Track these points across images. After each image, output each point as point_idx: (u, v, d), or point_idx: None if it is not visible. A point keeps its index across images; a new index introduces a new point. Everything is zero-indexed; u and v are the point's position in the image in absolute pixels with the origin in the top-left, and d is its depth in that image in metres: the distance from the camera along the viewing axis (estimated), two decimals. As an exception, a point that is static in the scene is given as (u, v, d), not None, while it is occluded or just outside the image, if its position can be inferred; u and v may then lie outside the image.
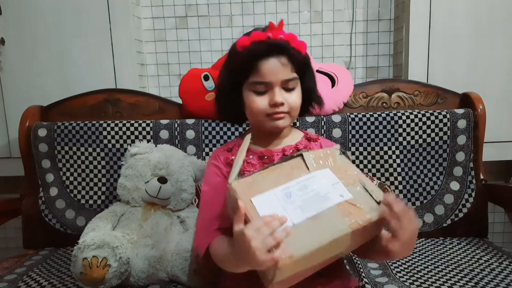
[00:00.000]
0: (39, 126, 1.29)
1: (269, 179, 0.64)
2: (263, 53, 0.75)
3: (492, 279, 0.95)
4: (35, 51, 1.43)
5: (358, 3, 1.57)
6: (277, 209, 0.60)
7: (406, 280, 0.96)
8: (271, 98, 0.77)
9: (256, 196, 0.62)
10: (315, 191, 0.63)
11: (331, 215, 0.61)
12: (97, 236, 0.94)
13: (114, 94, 1.34)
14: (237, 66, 0.79)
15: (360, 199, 0.65)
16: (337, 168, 0.68)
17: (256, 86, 0.77)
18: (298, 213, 0.61)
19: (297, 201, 0.62)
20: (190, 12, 1.60)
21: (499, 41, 1.37)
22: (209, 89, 1.27)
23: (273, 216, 0.58)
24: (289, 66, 0.77)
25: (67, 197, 1.28)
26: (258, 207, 0.60)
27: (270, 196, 0.62)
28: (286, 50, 0.76)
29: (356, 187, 0.67)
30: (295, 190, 0.63)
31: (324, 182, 0.65)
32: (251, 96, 0.78)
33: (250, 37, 0.76)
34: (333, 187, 0.65)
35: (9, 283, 1.02)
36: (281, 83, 0.77)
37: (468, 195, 1.23)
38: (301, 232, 0.59)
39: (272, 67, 0.76)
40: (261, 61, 0.76)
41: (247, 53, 0.76)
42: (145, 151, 1.12)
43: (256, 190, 0.62)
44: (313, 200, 0.62)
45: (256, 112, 0.79)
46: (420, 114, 1.24)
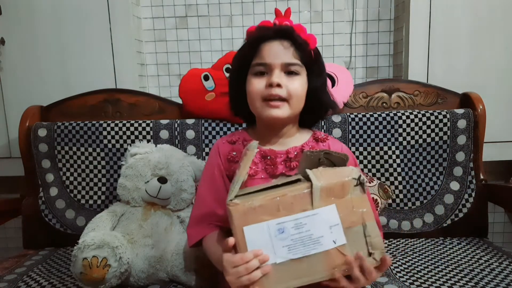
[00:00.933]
0: (39, 126, 1.29)
1: (267, 208, 0.61)
2: (267, 36, 0.76)
3: (492, 279, 0.95)
4: (35, 51, 1.43)
5: (358, 3, 1.57)
6: (266, 243, 0.60)
7: (406, 280, 0.96)
8: (269, 79, 0.75)
9: (249, 225, 0.61)
10: (309, 232, 0.61)
11: (315, 262, 0.61)
12: (97, 236, 0.94)
13: (114, 94, 1.34)
14: (243, 53, 0.80)
15: (353, 245, 0.62)
16: (344, 203, 0.63)
17: (257, 68, 0.77)
18: (284, 252, 0.60)
19: (288, 239, 0.61)
20: (190, 12, 1.60)
21: (499, 41, 1.37)
22: (209, 89, 1.27)
23: (256, 254, 0.59)
24: (292, 50, 0.76)
25: (67, 197, 1.28)
26: (248, 238, 0.60)
27: (263, 228, 0.61)
28: (290, 35, 0.76)
29: (356, 229, 0.63)
30: (289, 227, 0.61)
31: (323, 223, 0.62)
32: (251, 79, 0.78)
33: (257, 25, 0.79)
34: (330, 230, 0.61)
35: (9, 283, 1.02)
36: (281, 67, 0.76)
37: (468, 195, 1.23)
38: (280, 272, 0.60)
39: (274, 49, 0.76)
40: (263, 44, 0.76)
41: (252, 38, 0.78)
42: (145, 151, 1.12)
43: (251, 218, 0.61)
44: (303, 242, 0.61)
45: (253, 94, 0.77)
46: (420, 114, 1.24)
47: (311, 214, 0.61)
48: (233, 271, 0.60)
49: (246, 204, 0.61)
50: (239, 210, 0.61)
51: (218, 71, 1.27)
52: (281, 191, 0.63)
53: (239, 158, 0.82)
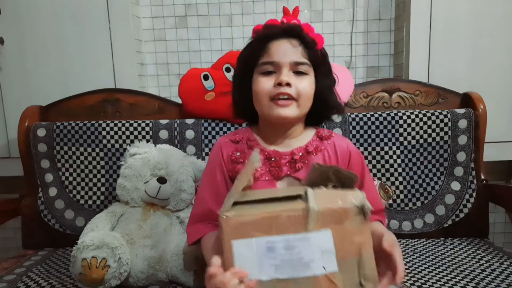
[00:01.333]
0: (38, 126, 1.28)
1: (259, 225, 0.60)
2: (274, 35, 0.75)
3: (493, 279, 0.95)
4: (34, 51, 1.42)
5: (358, 2, 1.56)
6: (253, 260, 0.59)
7: (407, 280, 0.96)
8: (277, 77, 0.74)
9: (238, 240, 0.59)
10: (300, 255, 0.59)
11: (301, 285, 0.59)
12: (96, 236, 0.94)
13: (114, 94, 1.34)
14: (249, 51, 0.78)
15: (345, 275, 0.60)
16: (342, 230, 0.60)
17: (264, 66, 0.75)
18: (271, 271, 0.59)
19: (277, 259, 0.59)
20: (190, 12, 1.60)
21: (500, 40, 1.36)
22: (209, 89, 1.26)
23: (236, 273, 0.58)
24: (300, 49, 0.75)
25: (66, 197, 1.28)
26: (235, 252, 0.59)
27: (252, 244, 0.59)
28: (298, 33, 0.75)
29: (350, 259, 0.60)
30: (280, 247, 0.59)
31: (316, 247, 0.59)
32: (258, 78, 0.76)
33: (265, 23, 0.78)
34: (321, 256, 0.59)
35: (8, 283, 1.02)
36: (290, 66, 0.74)
37: (469, 195, 1.22)
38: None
39: (282, 47, 0.74)
40: (271, 42, 0.75)
41: (259, 36, 0.77)
42: (144, 151, 1.12)
43: (241, 233, 0.59)
44: (292, 264, 0.59)
45: (260, 93, 0.75)
46: (421, 114, 1.24)
47: (304, 237, 0.59)
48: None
49: (238, 219, 0.59)
50: (230, 224, 0.59)
51: (218, 71, 1.27)
52: (277, 208, 0.60)
53: (244, 158, 0.81)
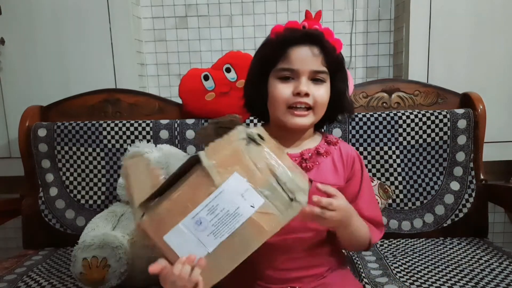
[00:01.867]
0: (39, 126, 1.29)
1: (176, 210, 0.60)
2: (295, 40, 0.74)
3: (492, 279, 0.95)
4: (35, 51, 1.43)
5: (358, 3, 1.57)
6: (192, 241, 0.60)
7: (406, 280, 0.96)
8: (296, 86, 0.73)
9: (167, 233, 0.60)
10: (224, 210, 0.60)
11: (244, 233, 0.60)
12: (97, 236, 0.94)
13: (114, 94, 1.34)
14: (267, 53, 0.77)
15: (273, 199, 0.61)
16: (245, 165, 0.60)
17: (283, 73, 0.74)
18: (211, 239, 0.60)
19: (209, 226, 0.60)
20: (190, 12, 1.60)
21: (500, 40, 1.36)
22: (209, 89, 1.26)
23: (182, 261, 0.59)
24: (321, 58, 0.74)
25: (67, 197, 1.28)
26: (172, 245, 0.60)
27: (180, 229, 0.60)
28: (320, 41, 0.74)
29: (269, 184, 0.61)
30: (204, 215, 0.60)
31: (233, 194, 0.60)
32: (276, 83, 0.75)
33: (285, 25, 0.76)
34: (243, 198, 0.60)
35: (9, 283, 1.02)
36: (309, 74, 0.74)
37: (468, 195, 1.23)
38: (217, 259, 0.60)
39: (303, 55, 0.73)
40: (292, 48, 0.74)
41: (279, 39, 0.75)
42: (144, 151, 1.12)
43: (166, 225, 0.60)
44: (223, 222, 0.60)
45: (278, 100, 0.75)
46: (420, 114, 1.24)
47: (218, 193, 0.60)
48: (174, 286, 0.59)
49: (154, 216, 0.60)
50: (150, 225, 0.60)
51: (218, 71, 1.27)
52: (181, 185, 0.61)
53: None
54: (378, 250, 1.17)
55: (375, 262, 1.09)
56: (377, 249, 1.18)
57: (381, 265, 1.06)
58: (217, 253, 0.60)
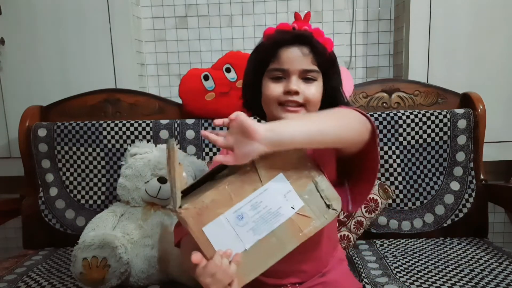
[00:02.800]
0: (39, 126, 1.29)
1: (220, 201, 0.61)
2: (285, 41, 0.76)
3: (492, 279, 0.95)
4: (35, 51, 1.43)
5: (358, 3, 1.57)
6: (230, 235, 0.60)
7: (406, 280, 0.96)
8: (286, 85, 0.76)
9: (207, 225, 0.60)
10: (267, 208, 0.62)
11: (281, 234, 0.62)
12: (97, 236, 0.94)
13: (114, 94, 1.34)
14: (260, 55, 0.80)
15: (311, 204, 0.64)
16: (290, 168, 0.65)
17: (274, 73, 0.77)
18: (250, 236, 0.61)
19: (249, 222, 0.61)
20: (190, 12, 1.60)
21: (500, 40, 1.36)
22: (209, 89, 1.27)
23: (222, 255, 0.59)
24: (310, 57, 0.76)
25: (67, 197, 1.28)
26: (211, 238, 0.60)
27: (221, 222, 0.60)
28: (309, 41, 0.76)
29: (308, 187, 0.65)
30: (247, 211, 0.61)
31: (277, 193, 0.63)
32: (268, 83, 0.78)
33: (276, 27, 0.79)
34: (285, 199, 0.63)
35: (9, 283, 1.02)
36: (299, 73, 0.76)
37: (468, 195, 1.23)
38: (253, 256, 0.61)
39: (293, 55, 0.76)
40: (282, 49, 0.76)
41: (270, 41, 0.78)
42: (145, 151, 1.12)
43: (207, 217, 0.60)
44: (265, 219, 0.61)
45: (269, 98, 0.78)
46: (420, 114, 1.24)
47: (263, 190, 0.62)
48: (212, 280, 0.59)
49: (198, 205, 0.60)
50: (192, 214, 0.60)
51: (218, 71, 1.27)
52: (227, 178, 0.62)
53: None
54: (378, 250, 1.17)
55: (375, 262, 1.09)
56: (377, 249, 1.18)
57: (381, 265, 1.06)
58: (254, 251, 0.61)
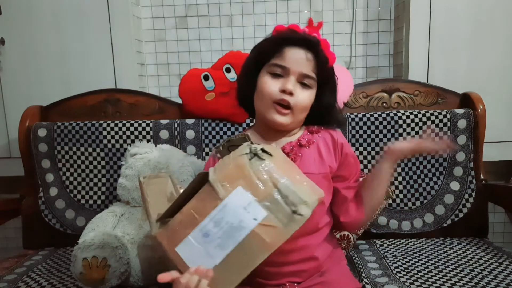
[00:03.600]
0: (39, 126, 1.29)
1: (186, 222, 0.63)
2: (293, 40, 0.77)
3: (492, 279, 0.95)
4: (35, 51, 1.43)
5: (358, 3, 1.57)
6: (200, 252, 0.62)
7: (406, 280, 0.96)
8: (284, 84, 0.77)
9: (179, 245, 0.63)
10: (229, 223, 0.62)
11: (248, 246, 0.61)
12: (97, 236, 0.94)
13: (114, 94, 1.34)
14: (265, 47, 0.80)
15: (276, 212, 0.62)
16: (249, 180, 0.63)
17: (274, 68, 0.78)
18: (218, 251, 0.62)
19: (215, 238, 0.62)
20: (190, 12, 1.60)
21: (500, 40, 1.36)
22: (209, 89, 1.26)
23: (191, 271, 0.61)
24: (313, 64, 0.77)
25: (67, 197, 1.28)
26: (183, 256, 0.63)
27: (190, 241, 0.63)
28: (315, 48, 0.77)
29: (272, 196, 0.62)
30: (210, 228, 0.62)
31: (237, 208, 0.62)
32: (265, 78, 0.79)
33: (287, 26, 0.80)
34: (246, 211, 0.62)
35: (9, 283, 1.02)
36: (298, 76, 0.77)
37: (468, 195, 1.23)
38: (225, 270, 0.62)
39: (297, 56, 0.77)
40: (288, 47, 0.77)
41: (279, 36, 0.79)
42: (145, 151, 1.12)
43: (178, 238, 0.64)
44: (228, 234, 0.62)
45: (264, 94, 0.78)
46: (420, 114, 1.24)
47: (222, 206, 0.62)
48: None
49: (168, 229, 0.64)
50: (165, 237, 0.64)
51: (218, 71, 1.27)
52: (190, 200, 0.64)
53: None
54: (378, 250, 1.17)
55: (375, 262, 1.09)
56: (377, 249, 1.18)
57: (381, 265, 1.06)
58: (224, 265, 0.62)
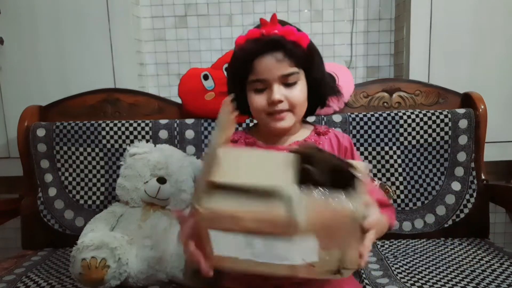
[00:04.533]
0: (38, 126, 1.28)
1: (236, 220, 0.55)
2: (257, 51, 0.74)
3: (493, 279, 0.95)
4: (34, 50, 1.42)
5: (358, 2, 1.56)
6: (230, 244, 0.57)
7: (407, 281, 0.96)
8: (269, 96, 0.76)
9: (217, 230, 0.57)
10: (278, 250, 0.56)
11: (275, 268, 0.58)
12: (96, 236, 0.94)
13: (113, 94, 1.33)
14: (235, 66, 0.79)
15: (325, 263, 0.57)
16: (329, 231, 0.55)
17: (255, 84, 0.77)
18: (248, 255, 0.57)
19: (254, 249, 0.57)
20: (190, 11, 1.59)
21: (501, 40, 1.36)
22: (209, 89, 1.26)
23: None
24: (286, 61, 0.75)
25: (66, 198, 1.28)
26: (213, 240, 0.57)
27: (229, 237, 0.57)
28: (281, 45, 0.74)
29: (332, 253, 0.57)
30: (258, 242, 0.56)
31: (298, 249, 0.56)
32: (252, 95, 0.78)
33: (245, 36, 0.76)
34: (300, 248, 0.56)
35: (7, 283, 1.01)
36: (279, 80, 0.75)
37: (470, 196, 1.22)
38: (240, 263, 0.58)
39: (267, 64, 0.74)
40: (256, 59, 0.75)
41: (242, 53, 0.77)
42: (144, 151, 1.11)
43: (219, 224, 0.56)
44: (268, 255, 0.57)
45: (257, 111, 0.79)
46: (421, 114, 1.23)
47: (286, 241, 0.55)
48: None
49: (218, 211, 0.55)
50: (207, 215, 0.56)
51: (218, 71, 1.27)
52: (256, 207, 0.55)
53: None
54: (379, 251, 1.17)
55: (376, 262, 1.08)
56: (378, 250, 1.18)
57: (382, 266, 1.06)
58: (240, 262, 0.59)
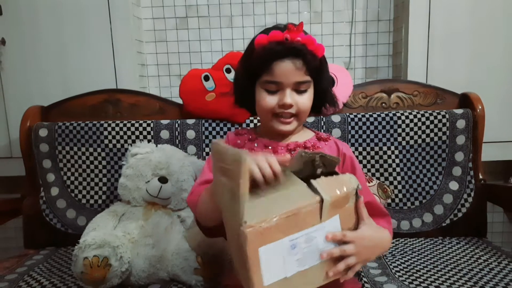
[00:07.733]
0: (40, 126, 1.29)
1: (283, 226, 0.59)
2: (279, 54, 0.76)
3: (491, 278, 0.96)
4: (35, 51, 1.43)
5: (357, 3, 1.57)
6: (279, 260, 0.60)
7: (405, 279, 0.97)
8: (281, 98, 0.77)
9: (265, 245, 0.59)
10: (316, 244, 0.63)
11: (316, 271, 0.63)
12: (98, 235, 0.95)
13: (115, 95, 1.34)
14: (252, 64, 0.79)
15: None
16: (345, 212, 0.66)
17: (268, 85, 0.78)
18: (294, 266, 0.61)
19: (299, 253, 0.61)
20: (191, 13, 1.60)
21: (499, 41, 1.37)
22: (209, 90, 1.27)
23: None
24: (303, 69, 0.77)
25: (68, 197, 1.29)
26: (262, 258, 0.59)
27: (277, 246, 0.60)
28: (303, 54, 0.76)
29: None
30: (301, 242, 0.61)
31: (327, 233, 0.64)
32: (262, 94, 0.79)
33: (268, 36, 0.76)
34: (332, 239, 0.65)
35: (10, 282, 1.02)
36: (293, 85, 0.77)
37: (467, 195, 1.23)
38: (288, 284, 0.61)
39: (286, 69, 0.76)
40: (276, 62, 0.76)
41: (263, 52, 0.76)
42: (145, 151, 1.12)
43: (267, 238, 0.59)
44: (311, 254, 0.62)
45: (264, 110, 0.80)
46: (419, 114, 1.24)
47: (320, 228, 0.62)
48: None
49: (263, 225, 0.58)
50: (255, 232, 0.57)
51: (218, 72, 1.28)
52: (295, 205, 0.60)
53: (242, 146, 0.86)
54: (377, 250, 1.18)
55: (374, 261, 1.09)
56: (377, 249, 1.19)
57: (380, 264, 1.07)
58: (290, 280, 0.61)
